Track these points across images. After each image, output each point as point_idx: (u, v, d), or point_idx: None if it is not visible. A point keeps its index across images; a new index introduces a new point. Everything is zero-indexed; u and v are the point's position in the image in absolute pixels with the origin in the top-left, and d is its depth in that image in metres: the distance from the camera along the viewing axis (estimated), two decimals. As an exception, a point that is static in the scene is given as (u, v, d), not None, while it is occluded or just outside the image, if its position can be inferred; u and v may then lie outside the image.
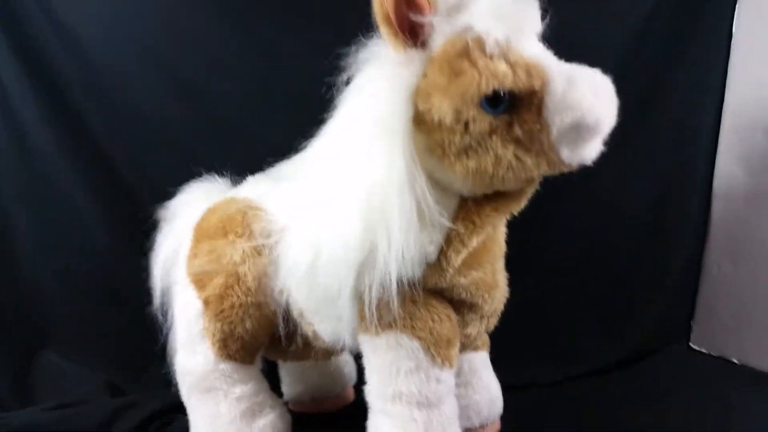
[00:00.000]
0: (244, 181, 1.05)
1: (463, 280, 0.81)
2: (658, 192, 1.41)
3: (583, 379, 1.32)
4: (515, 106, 0.69)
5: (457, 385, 0.93)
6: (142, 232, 1.09)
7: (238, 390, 0.97)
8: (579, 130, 0.67)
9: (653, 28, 1.33)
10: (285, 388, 1.26)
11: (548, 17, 0.74)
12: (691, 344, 1.47)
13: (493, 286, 0.85)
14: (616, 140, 0.72)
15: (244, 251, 0.93)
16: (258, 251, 0.93)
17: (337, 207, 0.75)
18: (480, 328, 0.90)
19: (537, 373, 1.32)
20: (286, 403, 1.26)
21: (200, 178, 1.09)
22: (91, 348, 1.39)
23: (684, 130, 1.39)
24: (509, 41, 0.68)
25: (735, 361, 1.38)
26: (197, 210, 1.03)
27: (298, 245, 0.82)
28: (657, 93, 1.37)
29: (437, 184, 0.75)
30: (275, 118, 1.24)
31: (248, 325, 0.93)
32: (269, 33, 1.26)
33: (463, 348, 0.91)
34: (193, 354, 0.97)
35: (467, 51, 0.69)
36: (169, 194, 1.08)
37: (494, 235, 0.84)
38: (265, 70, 1.26)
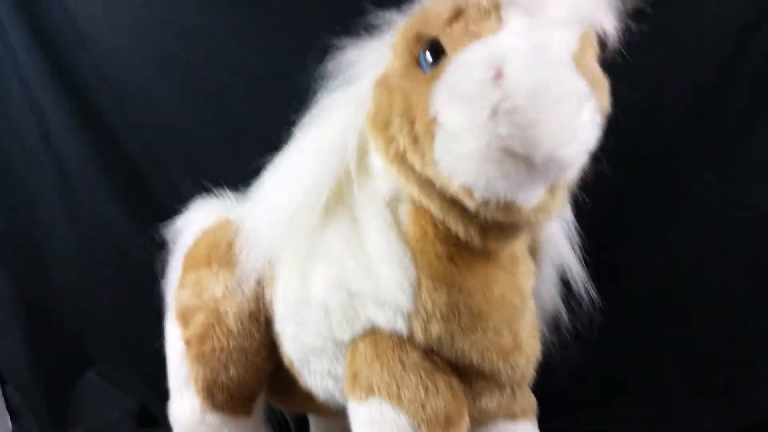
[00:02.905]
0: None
1: (459, 344, 0.60)
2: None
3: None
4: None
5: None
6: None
7: None
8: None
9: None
10: (311, 437, 1.11)
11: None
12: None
13: (511, 349, 0.62)
14: (718, 158, 0.48)
15: (226, 285, 0.80)
16: (242, 286, 0.80)
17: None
18: (501, 400, 0.68)
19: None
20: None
21: (208, 194, 0.97)
22: (129, 370, 1.34)
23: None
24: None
25: None
26: (195, 232, 0.91)
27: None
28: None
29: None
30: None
31: (232, 372, 0.80)
32: (290, 36, 1.14)
33: (478, 423, 0.70)
34: (180, 400, 0.86)
35: None
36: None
37: (514, 279, 0.63)
38: (286, 74, 1.13)
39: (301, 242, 0.70)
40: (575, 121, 0.46)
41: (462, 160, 0.49)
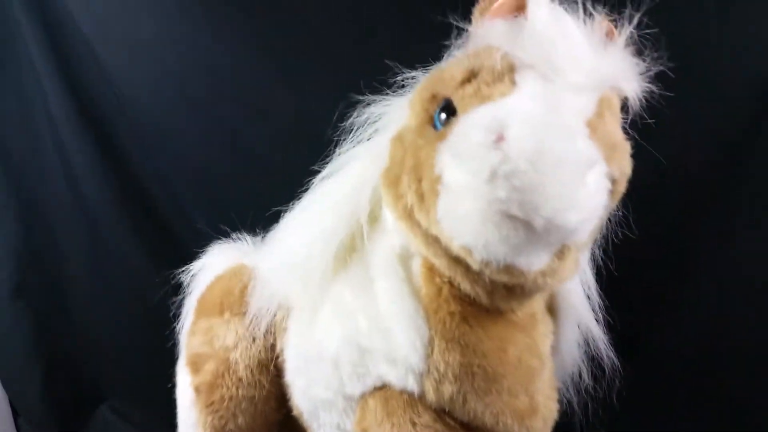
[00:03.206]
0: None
1: (472, 406, 0.58)
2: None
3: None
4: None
5: None
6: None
7: None
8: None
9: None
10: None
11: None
12: None
13: (527, 412, 0.60)
14: (743, 214, 0.47)
15: (237, 334, 0.79)
16: (253, 335, 0.79)
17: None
18: None
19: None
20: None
21: (226, 238, 0.97)
22: (142, 407, 1.34)
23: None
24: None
25: None
26: (209, 277, 0.91)
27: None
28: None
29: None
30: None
31: (240, 421, 0.78)
32: (317, 84, 1.14)
33: None
34: (188, 448, 0.84)
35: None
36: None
37: (532, 341, 0.61)
38: (305, 115, 1.14)
39: (313, 292, 0.69)
40: (579, 186, 0.45)
41: (461, 220, 0.48)
